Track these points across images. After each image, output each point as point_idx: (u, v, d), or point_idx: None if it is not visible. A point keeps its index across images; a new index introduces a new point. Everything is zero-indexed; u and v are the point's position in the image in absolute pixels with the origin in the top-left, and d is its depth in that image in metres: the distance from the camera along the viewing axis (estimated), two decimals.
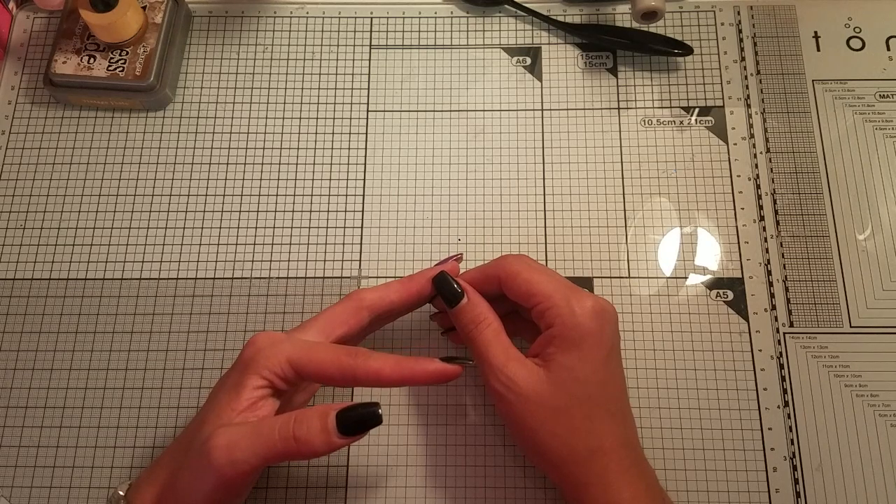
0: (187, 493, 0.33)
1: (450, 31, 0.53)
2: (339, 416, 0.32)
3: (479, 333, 0.38)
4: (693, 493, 0.42)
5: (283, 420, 0.32)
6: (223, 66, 0.52)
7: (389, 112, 0.51)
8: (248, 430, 0.32)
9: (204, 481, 0.32)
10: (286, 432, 0.32)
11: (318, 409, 0.33)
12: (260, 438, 0.32)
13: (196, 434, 0.34)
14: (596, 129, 0.50)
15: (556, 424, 0.36)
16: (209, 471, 0.32)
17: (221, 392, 0.35)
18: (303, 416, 0.32)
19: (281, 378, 0.34)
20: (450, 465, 0.42)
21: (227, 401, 0.34)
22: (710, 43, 0.52)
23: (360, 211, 0.48)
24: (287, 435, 0.32)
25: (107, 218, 0.48)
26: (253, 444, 0.32)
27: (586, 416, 0.36)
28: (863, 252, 0.46)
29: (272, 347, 0.34)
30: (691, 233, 0.47)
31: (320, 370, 0.34)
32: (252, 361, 0.34)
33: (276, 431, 0.32)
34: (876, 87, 0.50)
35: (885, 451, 0.42)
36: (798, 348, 0.44)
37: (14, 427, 0.43)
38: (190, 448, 0.34)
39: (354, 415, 0.32)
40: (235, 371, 0.35)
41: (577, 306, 0.36)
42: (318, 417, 0.32)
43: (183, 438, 0.36)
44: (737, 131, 0.50)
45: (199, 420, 0.35)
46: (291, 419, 0.32)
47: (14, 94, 0.51)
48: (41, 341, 0.45)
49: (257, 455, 0.32)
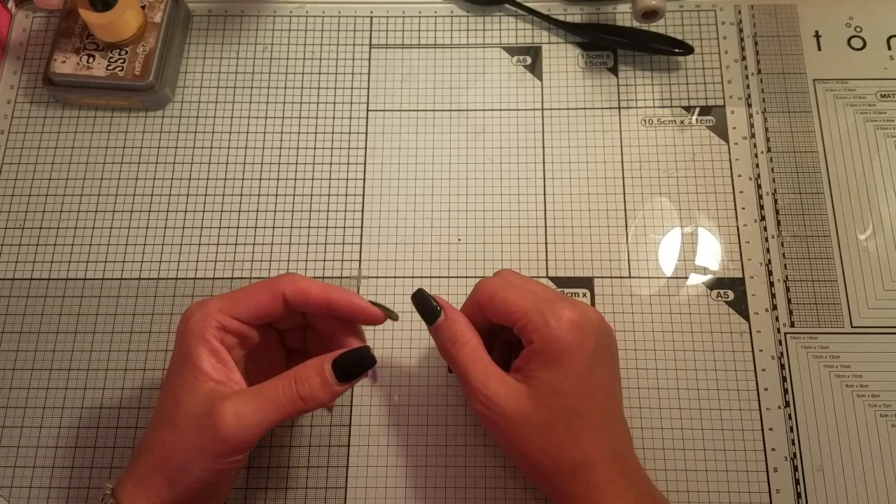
0: (189, 471, 0.33)
1: (450, 31, 0.53)
2: (335, 366, 0.34)
3: (457, 352, 0.37)
4: (693, 494, 0.42)
5: (283, 383, 0.34)
6: (223, 65, 0.52)
7: (389, 112, 0.51)
8: (253, 398, 0.34)
9: (211, 454, 0.33)
10: (291, 394, 0.34)
11: (314, 365, 0.34)
12: (266, 404, 0.33)
13: (185, 411, 0.34)
14: (596, 128, 0.50)
15: (540, 440, 0.35)
16: (217, 442, 0.33)
17: (179, 373, 0.35)
18: (301, 375, 0.34)
19: (224, 331, 0.35)
20: (450, 465, 0.42)
21: (195, 374, 0.34)
22: (710, 42, 0.52)
23: (360, 211, 0.48)
24: (292, 396, 0.34)
25: (106, 218, 0.48)
26: (260, 410, 0.33)
27: (569, 430, 0.35)
28: (864, 252, 0.46)
29: (200, 311, 0.35)
30: (692, 232, 0.47)
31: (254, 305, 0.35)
32: (188, 332, 0.35)
33: (280, 395, 0.34)
34: (877, 87, 0.50)
35: (886, 452, 0.42)
36: (799, 348, 0.44)
37: (13, 427, 0.43)
38: (180, 428, 0.34)
39: (349, 360, 0.35)
40: (178, 350, 0.35)
41: (553, 319, 0.35)
42: (316, 373, 0.34)
43: (160, 426, 0.35)
44: (738, 131, 0.49)
45: (168, 405, 0.35)
46: (291, 380, 0.34)
47: (13, 93, 0.51)
48: (40, 341, 0.45)
49: (267, 419, 0.33)
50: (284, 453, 0.43)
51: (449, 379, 0.44)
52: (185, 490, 0.34)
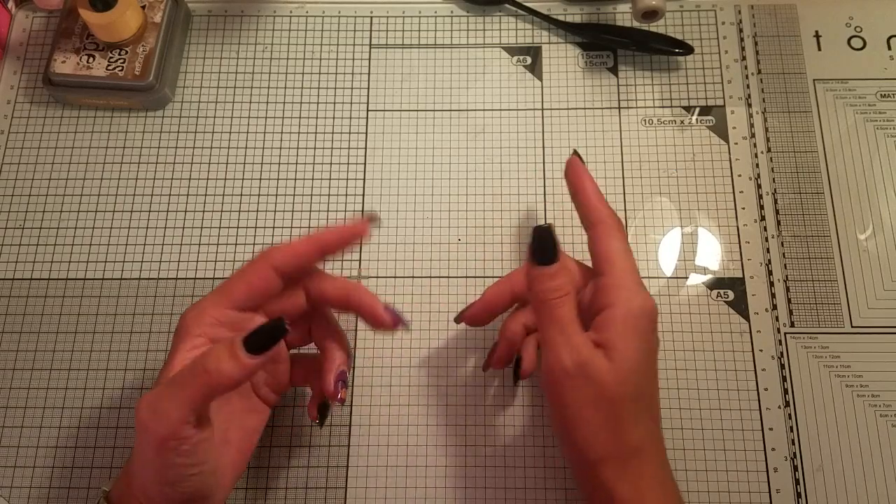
0: (140, 471, 0.33)
1: (450, 31, 0.53)
2: (246, 341, 0.32)
3: (560, 305, 0.35)
4: (693, 494, 0.42)
5: (192, 363, 0.32)
6: (223, 65, 0.52)
7: (389, 112, 0.51)
8: (164, 385, 0.32)
9: (146, 451, 0.32)
10: (196, 369, 0.32)
11: (225, 341, 0.32)
12: (175, 385, 0.32)
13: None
14: (596, 128, 0.50)
15: (612, 416, 0.35)
16: (144, 436, 0.32)
17: (165, 364, 0.35)
18: (210, 351, 0.32)
19: (221, 325, 0.35)
20: (450, 465, 0.42)
21: (164, 372, 0.34)
22: (710, 42, 0.52)
23: (361, 211, 0.48)
24: (197, 370, 0.32)
25: (106, 218, 0.48)
26: (171, 393, 0.31)
27: (634, 412, 0.35)
28: (864, 252, 0.46)
29: (194, 309, 0.35)
30: (692, 232, 0.47)
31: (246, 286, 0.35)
32: (180, 330, 0.35)
33: (188, 374, 0.32)
34: (877, 87, 0.50)
35: (886, 452, 0.42)
36: (799, 348, 0.44)
37: (13, 427, 0.43)
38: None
39: (259, 332, 0.32)
40: (174, 339, 0.35)
41: (642, 298, 0.36)
42: (225, 345, 0.32)
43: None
44: (738, 131, 0.49)
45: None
46: (200, 358, 0.32)
47: (13, 93, 0.51)
48: (40, 341, 0.45)
49: (180, 400, 0.31)
50: (284, 453, 0.43)
51: (449, 379, 0.44)
52: (161, 495, 0.33)
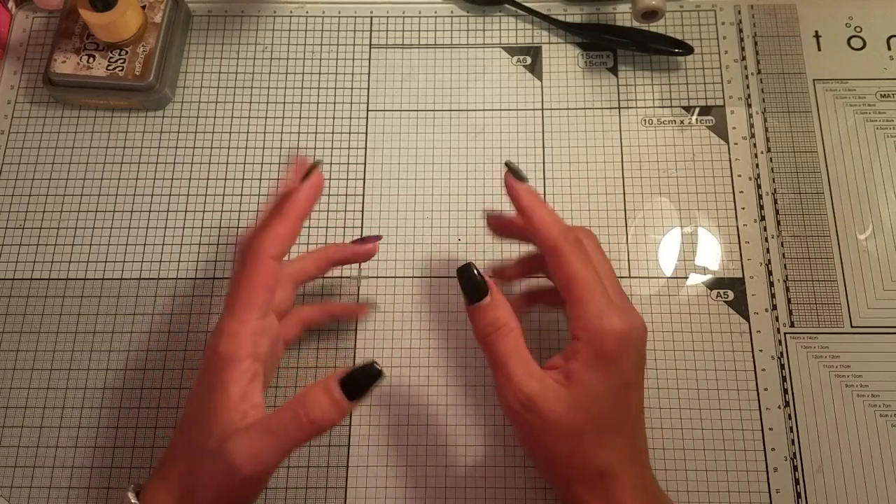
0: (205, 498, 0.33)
1: (450, 31, 0.53)
2: (343, 385, 0.32)
3: (498, 339, 0.35)
4: (693, 494, 0.42)
5: (292, 411, 0.32)
6: (223, 65, 0.52)
7: (389, 112, 0.51)
8: (264, 432, 0.32)
9: (231, 489, 0.33)
10: (301, 421, 0.32)
11: (321, 386, 0.33)
12: (278, 437, 0.32)
13: (205, 441, 0.33)
14: (596, 128, 0.50)
15: (570, 445, 0.34)
16: (236, 479, 0.32)
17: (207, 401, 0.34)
18: (309, 399, 0.32)
19: (254, 342, 0.35)
20: (450, 465, 0.42)
21: (221, 401, 0.33)
22: (710, 42, 0.52)
23: (360, 211, 0.48)
24: (303, 423, 0.32)
25: (106, 218, 0.48)
26: (273, 443, 0.32)
27: (600, 438, 0.34)
28: (864, 252, 0.46)
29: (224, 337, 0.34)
30: (692, 232, 0.47)
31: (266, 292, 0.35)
32: (220, 361, 0.34)
33: (291, 424, 0.32)
34: (877, 87, 0.50)
35: (886, 452, 0.42)
36: (799, 348, 0.44)
37: (14, 427, 0.43)
38: (200, 456, 0.33)
39: (356, 378, 0.33)
40: (208, 375, 0.34)
41: (608, 324, 0.34)
42: (325, 393, 0.32)
43: (186, 443, 0.35)
44: (737, 131, 0.49)
45: (201, 424, 0.34)
46: (300, 406, 0.32)
47: (13, 93, 0.51)
48: (40, 341, 0.45)
49: (282, 451, 0.32)
50: None
51: (449, 379, 0.44)
52: None
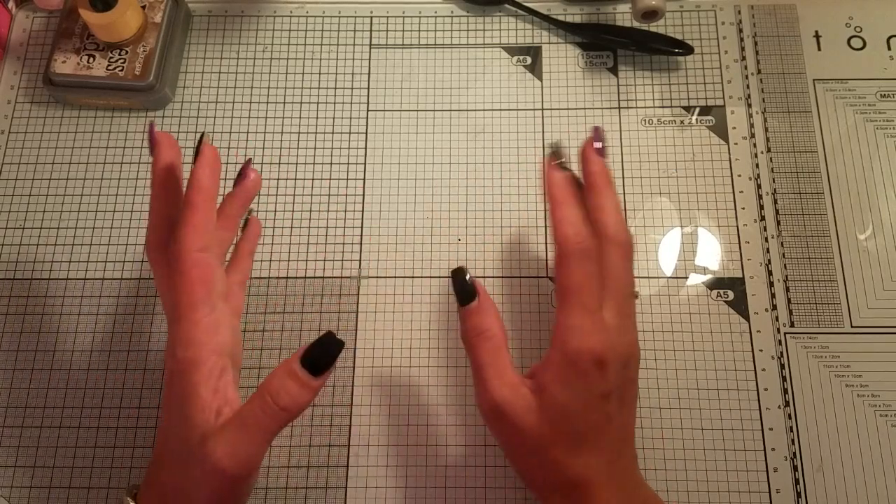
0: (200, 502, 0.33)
1: (450, 31, 0.53)
2: (304, 364, 0.32)
3: (479, 344, 0.35)
4: (693, 493, 0.42)
5: (260, 401, 0.32)
6: (223, 65, 0.52)
7: (389, 112, 0.51)
8: (238, 429, 0.32)
9: (221, 490, 0.32)
10: (271, 409, 0.32)
11: (284, 371, 0.32)
12: (252, 430, 0.32)
13: (186, 448, 0.33)
14: None
15: (540, 456, 0.34)
16: (224, 480, 0.32)
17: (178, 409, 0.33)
18: (275, 386, 0.32)
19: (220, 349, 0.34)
20: (450, 465, 0.42)
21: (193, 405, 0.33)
22: (710, 42, 0.52)
23: (360, 211, 0.48)
24: (273, 410, 0.32)
25: (106, 218, 0.48)
26: (249, 438, 0.32)
27: (571, 452, 0.34)
28: (864, 252, 0.46)
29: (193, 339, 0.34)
30: (692, 232, 0.47)
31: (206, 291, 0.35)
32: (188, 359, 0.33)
33: (262, 415, 0.32)
34: (877, 87, 0.50)
35: (886, 452, 0.42)
36: (799, 348, 0.44)
37: (14, 427, 0.43)
38: (185, 464, 0.33)
39: (317, 354, 0.33)
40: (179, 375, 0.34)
41: (584, 343, 0.33)
42: (289, 377, 0.32)
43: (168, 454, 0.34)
44: (737, 131, 0.50)
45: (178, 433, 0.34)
46: (266, 395, 0.32)
47: (13, 93, 0.51)
48: (40, 341, 0.45)
49: (258, 444, 0.32)
50: (284, 453, 0.43)
51: (449, 379, 0.44)
52: None
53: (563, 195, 0.36)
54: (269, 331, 0.45)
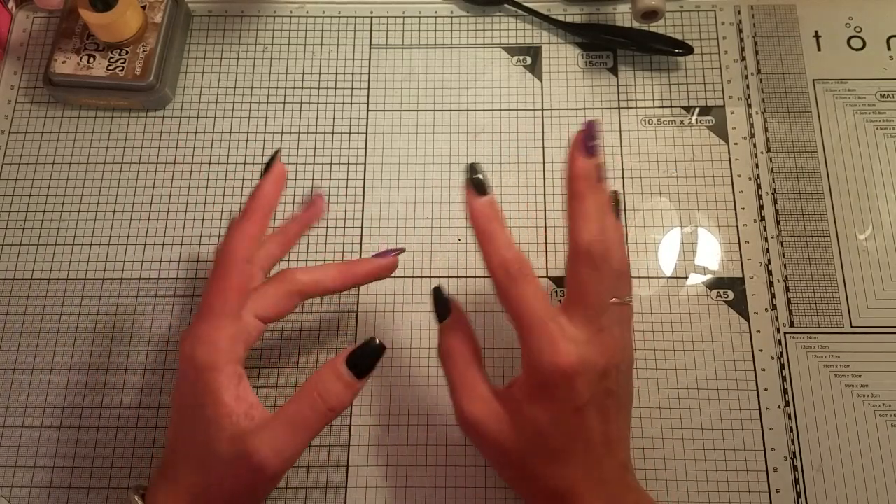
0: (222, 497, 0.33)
1: (450, 31, 0.53)
2: (350, 366, 0.34)
3: (447, 361, 0.36)
4: (693, 493, 0.42)
5: (309, 401, 0.33)
6: (223, 65, 0.52)
7: (389, 112, 0.51)
8: (283, 427, 0.33)
9: (257, 492, 0.34)
10: (320, 409, 0.33)
11: (331, 372, 0.34)
12: (300, 429, 0.33)
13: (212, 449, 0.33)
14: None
15: (517, 468, 0.34)
16: (264, 482, 0.33)
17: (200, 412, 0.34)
18: (322, 385, 0.33)
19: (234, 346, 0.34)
20: (450, 465, 0.42)
21: (217, 412, 0.33)
22: (710, 42, 0.52)
23: (360, 211, 0.48)
24: (322, 410, 0.33)
25: (107, 218, 0.48)
26: (295, 437, 0.33)
27: (549, 465, 0.33)
28: (863, 252, 0.46)
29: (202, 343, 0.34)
30: (692, 232, 0.47)
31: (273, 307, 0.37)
32: (203, 368, 0.34)
33: (311, 415, 0.33)
34: (877, 87, 0.50)
35: (886, 452, 0.42)
36: (799, 348, 0.44)
37: (14, 427, 0.43)
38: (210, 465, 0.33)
39: (361, 355, 0.34)
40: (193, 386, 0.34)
41: (549, 361, 0.32)
42: (337, 379, 0.34)
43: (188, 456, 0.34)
44: (737, 131, 0.50)
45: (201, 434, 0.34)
46: (315, 394, 0.33)
47: (14, 93, 0.51)
48: (40, 341, 0.45)
49: (303, 442, 0.33)
50: None
51: None
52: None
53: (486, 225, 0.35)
54: (269, 330, 0.45)
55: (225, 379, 0.34)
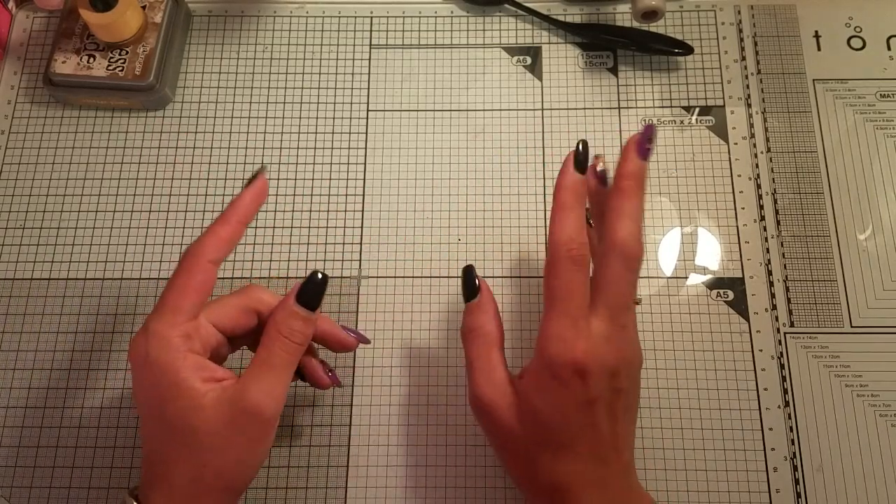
0: (247, 469, 0.34)
1: (450, 31, 0.53)
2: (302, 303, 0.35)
3: (471, 340, 0.36)
4: (693, 493, 0.42)
5: (276, 342, 0.34)
6: (223, 65, 0.52)
7: (389, 112, 0.51)
8: (263, 371, 0.34)
9: (261, 441, 0.34)
10: (289, 346, 0.35)
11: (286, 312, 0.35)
12: (279, 369, 0.34)
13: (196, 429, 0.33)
14: (596, 128, 0.50)
15: (521, 457, 0.35)
16: (264, 427, 0.34)
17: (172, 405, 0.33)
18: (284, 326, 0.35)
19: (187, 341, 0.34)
20: (450, 465, 0.42)
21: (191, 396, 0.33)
22: (710, 42, 0.52)
23: (360, 211, 0.48)
24: (292, 347, 0.35)
25: (106, 218, 0.48)
26: (278, 376, 0.34)
27: (552, 457, 0.34)
28: (863, 252, 0.46)
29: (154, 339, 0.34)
30: (692, 232, 0.47)
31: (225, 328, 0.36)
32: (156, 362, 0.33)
33: (283, 354, 0.35)
34: (876, 87, 0.50)
35: (886, 451, 0.42)
36: (799, 348, 0.44)
37: (14, 427, 0.43)
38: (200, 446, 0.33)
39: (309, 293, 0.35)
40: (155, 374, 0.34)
41: (563, 352, 0.33)
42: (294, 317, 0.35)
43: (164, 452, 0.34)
44: (737, 131, 0.50)
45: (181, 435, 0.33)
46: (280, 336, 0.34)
47: (14, 93, 0.51)
48: (40, 341, 0.45)
49: (286, 380, 0.35)
50: (284, 453, 0.43)
51: (449, 379, 0.44)
52: (243, 487, 0.35)
53: (568, 199, 0.35)
54: None
55: (187, 372, 0.33)
